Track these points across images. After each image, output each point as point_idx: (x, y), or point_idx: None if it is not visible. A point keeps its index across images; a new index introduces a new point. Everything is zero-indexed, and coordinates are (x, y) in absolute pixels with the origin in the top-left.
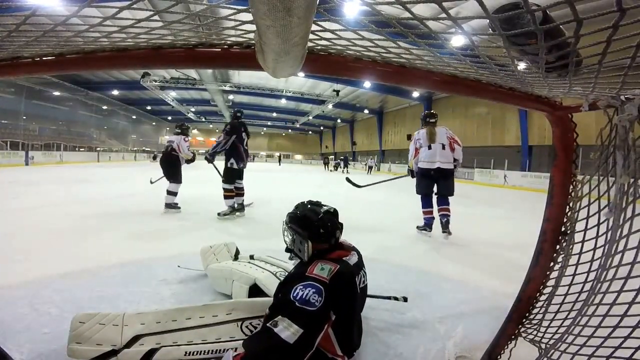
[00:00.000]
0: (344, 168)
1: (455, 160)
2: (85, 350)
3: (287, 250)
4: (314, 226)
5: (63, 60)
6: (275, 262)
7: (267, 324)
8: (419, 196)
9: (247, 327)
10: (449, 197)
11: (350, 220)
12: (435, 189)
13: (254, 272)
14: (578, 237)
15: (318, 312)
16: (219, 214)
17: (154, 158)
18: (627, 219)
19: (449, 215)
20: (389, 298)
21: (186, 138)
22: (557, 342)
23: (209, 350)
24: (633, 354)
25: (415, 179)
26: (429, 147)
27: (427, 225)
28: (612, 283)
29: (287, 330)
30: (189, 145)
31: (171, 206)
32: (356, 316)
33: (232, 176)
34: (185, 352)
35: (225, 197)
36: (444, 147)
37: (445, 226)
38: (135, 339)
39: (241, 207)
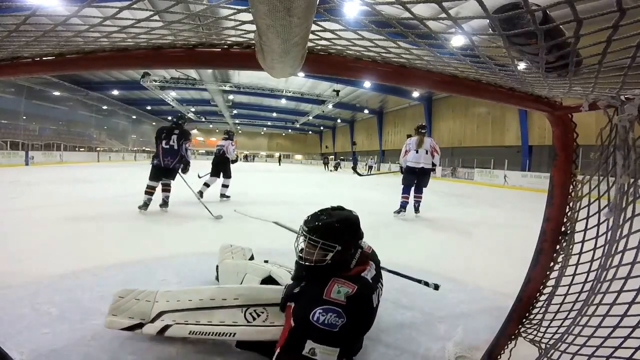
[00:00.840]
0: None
1: (433, 164)
2: (119, 322)
3: (305, 269)
4: (354, 235)
5: (63, 60)
6: (289, 268)
7: (305, 354)
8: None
9: (250, 314)
10: (423, 189)
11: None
12: (415, 182)
13: (269, 267)
14: (578, 237)
15: (343, 329)
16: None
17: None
18: (627, 219)
19: (421, 201)
20: (419, 281)
21: (232, 142)
22: (557, 342)
23: (210, 332)
24: (633, 353)
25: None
26: (417, 151)
27: (402, 207)
28: (612, 283)
29: (328, 356)
30: (235, 148)
31: (225, 196)
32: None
33: (150, 173)
34: (190, 332)
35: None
36: (427, 152)
37: (417, 209)
38: (160, 314)
39: (164, 203)
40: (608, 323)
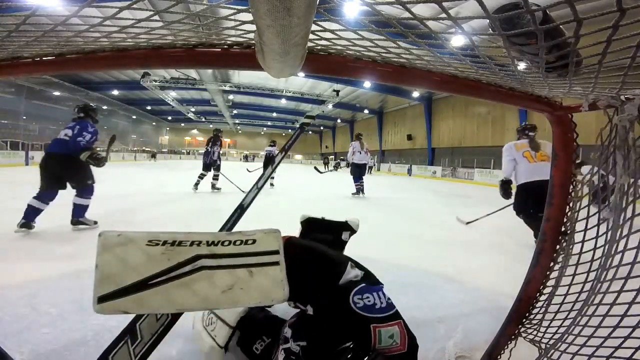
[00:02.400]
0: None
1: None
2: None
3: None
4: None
5: (63, 60)
6: None
7: None
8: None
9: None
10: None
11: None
12: (359, 173)
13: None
14: (578, 237)
15: None
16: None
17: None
18: (627, 219)
19: (364, 184)
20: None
21: (276, 149)
22: (557, 342)
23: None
24: (633, 353)
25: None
26: (360, 152)
27: (359, 191)
28: (612, 283)
29: None
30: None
31: (273, 185)
32: None
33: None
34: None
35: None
36: (366, 153)
37: (362, 192)
38: None
39: (212, 186)
40: (608, 323)
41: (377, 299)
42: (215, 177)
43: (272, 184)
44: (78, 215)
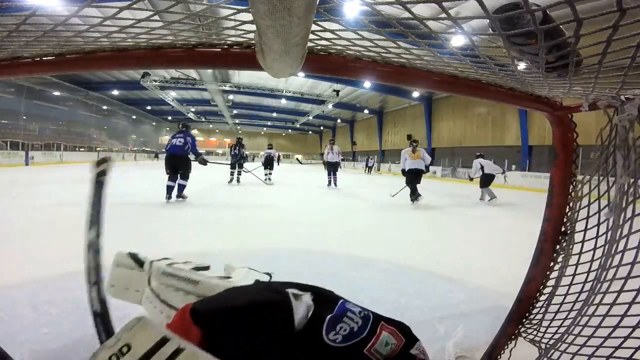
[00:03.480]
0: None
1: (340, 160)
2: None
3: None
4: None
5: (63, 61)
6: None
7: None
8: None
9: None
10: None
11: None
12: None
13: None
14: (578, 237)
15: None
16: None
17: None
18: (627, 219)
19: (337, 179)
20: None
21: (275, 151)
22: (557, 342)
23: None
24: (633, 354)
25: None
26: (328, 153)
27: (330, 182)
28: (612, 283)
29: None
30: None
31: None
32: None
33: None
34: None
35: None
36: (338, 154)
37: (335, 184)
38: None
39: (237, 180)
40: (608, 323)
41: (352, 321)
42: (239, 173)
43: (269, 179)
44: (181, 191)
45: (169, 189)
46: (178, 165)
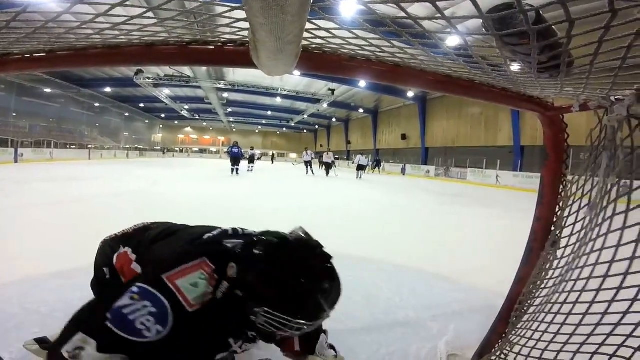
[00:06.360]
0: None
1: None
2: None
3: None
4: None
5: (54, 57)
6: None
7: None
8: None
9: None
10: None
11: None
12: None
13: None
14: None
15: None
16: None
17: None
18: (607, 217)
19: (312, 169)
20: None
21: (258, 151)
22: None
23: None
24: (616, 350)
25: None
26: (307, 154)
27: (307, 171)
28: (588, 281)
29: None
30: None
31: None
32: None
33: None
34: None
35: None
36: (311, 156)
37: (313, 172)
38: None
39: (250, 170)
40: (589, 321)
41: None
42: (250, 168)
43: (251, 169)
44: (250, 170)
45: (234, 170)
46: (238, 160)
